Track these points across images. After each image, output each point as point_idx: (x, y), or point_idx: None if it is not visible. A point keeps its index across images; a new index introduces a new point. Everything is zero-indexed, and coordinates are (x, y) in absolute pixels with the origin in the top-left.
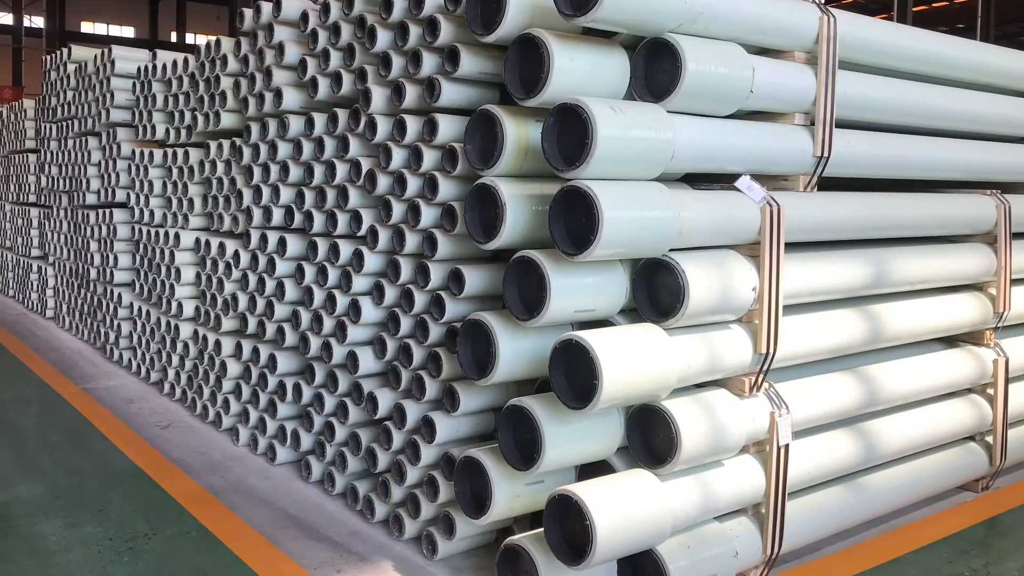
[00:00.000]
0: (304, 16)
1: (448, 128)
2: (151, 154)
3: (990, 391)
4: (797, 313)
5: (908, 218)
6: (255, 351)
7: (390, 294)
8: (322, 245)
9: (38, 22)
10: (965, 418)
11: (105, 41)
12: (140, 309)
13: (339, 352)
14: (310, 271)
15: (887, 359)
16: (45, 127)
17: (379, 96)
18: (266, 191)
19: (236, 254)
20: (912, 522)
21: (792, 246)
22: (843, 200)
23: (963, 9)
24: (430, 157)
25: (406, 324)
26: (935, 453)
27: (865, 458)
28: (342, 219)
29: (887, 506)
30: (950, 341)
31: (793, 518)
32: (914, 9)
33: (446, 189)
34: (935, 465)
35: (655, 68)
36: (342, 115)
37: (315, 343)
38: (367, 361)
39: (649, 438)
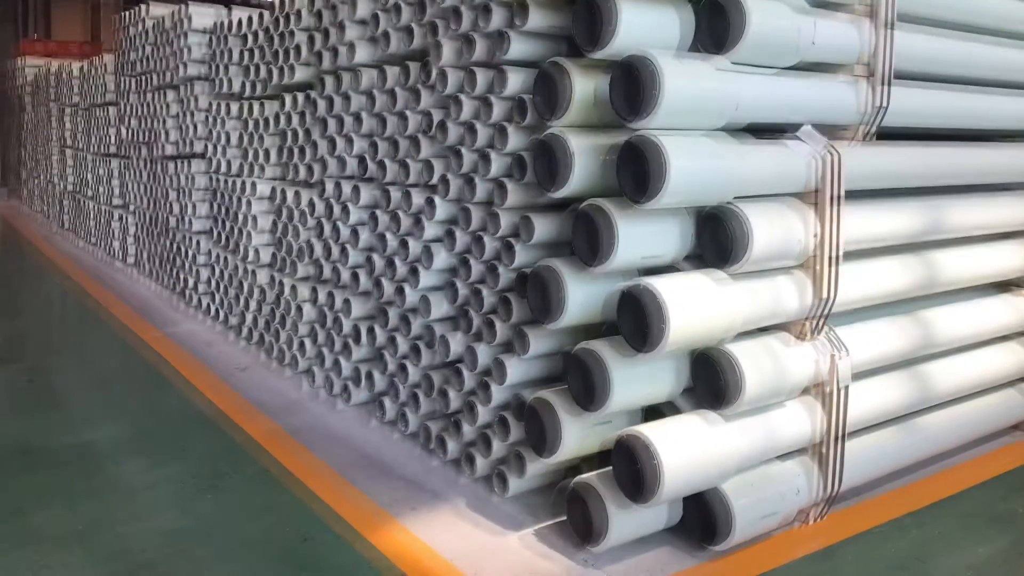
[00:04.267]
0: None
1: (516, 80)
2: (227, 107)
3: None
4: (856, 260)
5: (963, 167)
6: (330, 296)
7: (461, 240)
8: (394, 194)
9: None
10: (1016, 361)
11: None
12: (218, 256)
13: (412, 296)
14: (383, 219)
15: (941, 304)
16: (124, 81)
17: (449, 49)
18: (340, 142)
19: (311, 203)
20: (965, 461)
21: (851, 194)
22: (900, 150)
23: None
24: (499, 108)
25: (476, 270)
26: (988, 395)
27: (920, 400)
28: (414, 168)
29: (941, 446)
30: (1002, 287)
31: (852, 457)
32: None
33: (515, 139)
34: (988, 406)
35: (719, 21)
36: (413, 68)
37: (388, 288)
38: (439, 305)
39: (713, 380)
